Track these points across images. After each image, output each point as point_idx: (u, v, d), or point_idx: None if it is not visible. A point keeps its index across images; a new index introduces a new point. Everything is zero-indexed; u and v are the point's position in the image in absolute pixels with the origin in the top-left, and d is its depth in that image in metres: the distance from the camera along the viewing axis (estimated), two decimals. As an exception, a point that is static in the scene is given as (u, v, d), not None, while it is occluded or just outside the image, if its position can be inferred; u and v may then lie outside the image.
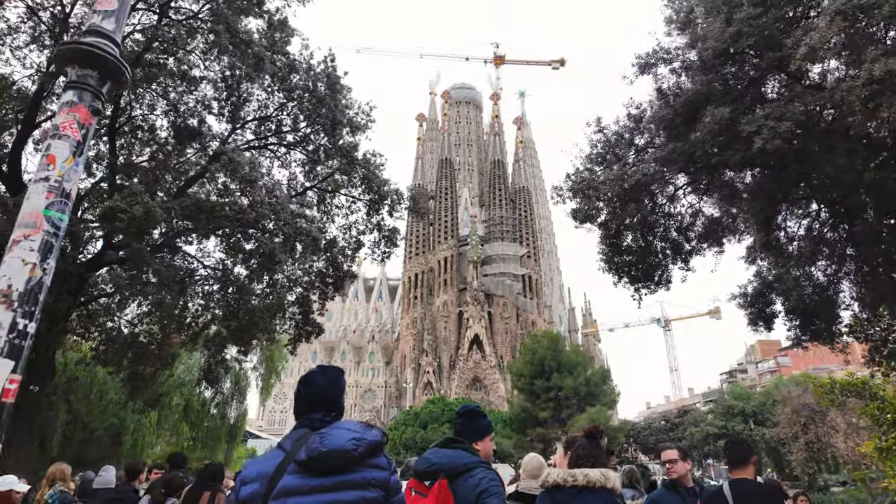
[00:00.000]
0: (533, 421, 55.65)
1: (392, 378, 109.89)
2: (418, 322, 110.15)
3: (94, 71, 2.75)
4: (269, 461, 1.96)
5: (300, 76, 13.38)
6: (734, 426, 51.63)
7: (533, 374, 56.03)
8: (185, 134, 11.00)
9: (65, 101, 2.61)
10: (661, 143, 8.16)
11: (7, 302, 2.31)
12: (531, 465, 4.07)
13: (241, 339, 13.97)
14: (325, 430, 2.02)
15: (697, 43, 7.21)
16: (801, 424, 43.35)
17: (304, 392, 2.18)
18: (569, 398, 53.89)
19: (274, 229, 10.66)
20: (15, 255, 2.34)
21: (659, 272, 9.50)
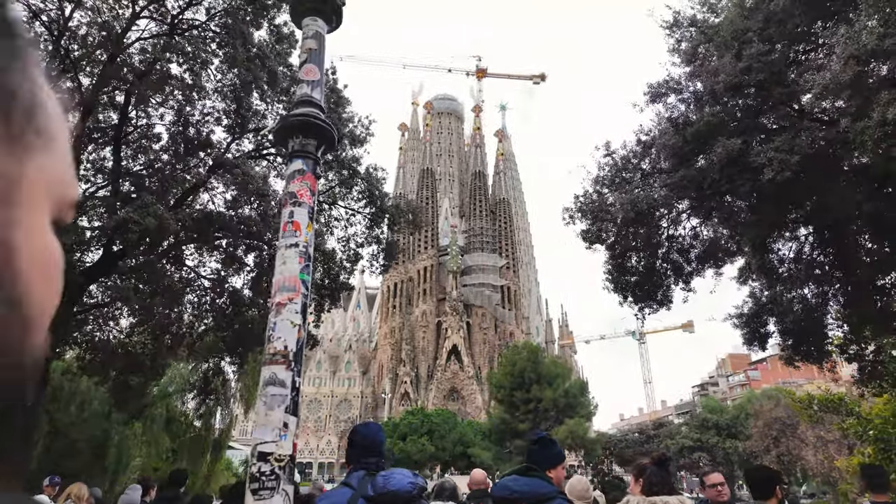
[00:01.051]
0: (512, 432, 55.70)
1: (369, 388, 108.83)
2: (396, 331, 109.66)
3: (314, 140, 2.89)
4: (341, 496, 2.40)
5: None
6: (708, 439, 52.59)
7: (513, 386, 56.19)
8: (193, 144, 10.94)
9: (295, 169, 2.70)
10: (669, 169, 8.49)
11: (286, 362, 2.45)
12: (579, 486, 4.22)
13: (237, 350, 13.82)
14: (386, 473, 2.47)
15: (706, 75, 7.57)
16: (773, 438, 44.50)
17: (360, 442, 2.65)
18: (548, 410, 54.18)
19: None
20: (284, 318, 2.44)
21: (661, 292, 9.82)
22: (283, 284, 2.49)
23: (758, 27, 7.51)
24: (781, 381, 77.00)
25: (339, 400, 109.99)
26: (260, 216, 9.76)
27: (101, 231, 9.94)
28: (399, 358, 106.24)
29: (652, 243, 9.58)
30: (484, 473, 5.80)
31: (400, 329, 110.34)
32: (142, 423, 17.97)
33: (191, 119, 10.75)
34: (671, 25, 11.06)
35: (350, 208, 15.23)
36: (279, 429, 2.39)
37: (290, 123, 2.76)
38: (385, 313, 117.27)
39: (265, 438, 2.34)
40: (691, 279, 9.88)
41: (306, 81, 3.08)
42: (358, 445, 2.65)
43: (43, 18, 12.73)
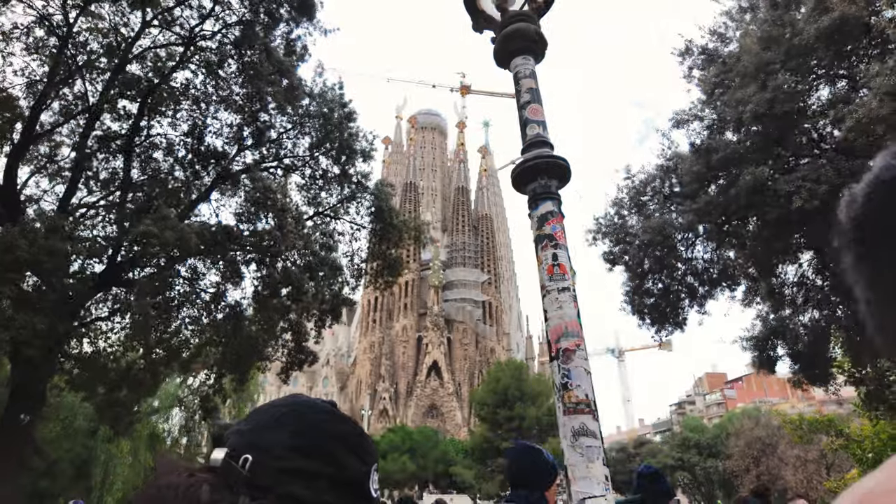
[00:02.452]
0: (494, 451, 55.21)
1: (346, 404, 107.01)
2: (376, 346, 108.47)
3: (556, 180, 2.87)
4: None
5: (314, 101, 13.35)
6: (689, 458, 52.98)
7: (496, 403, 55.84)
8: (205, 155, 10.74)
9: (546, 210, 2.65)
10: (690, 194, 8.66)
11: (591, 412, 2.39)
12: None
13: (239, 367, 13.47)
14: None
15: (731, 104, 7.79)
16: (753, 457, 45.08)
17: (506, 470, 2.50)
18: (531, 428, 53.88)
19: (296, 258, 10.49)
20: (577, 365, 2.37)
21: (676, 314, 9.94)
22: (566, 330, 2.42)
23: (779, 59, 7.77)
24: (758, 401, 78.36)
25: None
26: (279, 230, 9.59)
27: (116, 242, 9.65)
28: (378, 373, 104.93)
29: (667, 266, 9.71)
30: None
31: (380, 344, 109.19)
32: (129, 441, 17.32)
33: (205, 131, 10.58)
34: (683, 53, 11.38)
35: (355, 223, 15.12)
36: (602, 482, 2.32)
37: (534, 166, 2.73)
38: (365, 328, 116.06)
39: (593, 493, 2.26)
40: (705, 301, 10.04)
41: (536, 122, 3.08)
42: (506, 474, 2.46)
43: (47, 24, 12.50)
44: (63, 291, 9.41)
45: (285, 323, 14.61)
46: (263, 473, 0.62)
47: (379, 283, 15.21)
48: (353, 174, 13.88)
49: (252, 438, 0.65)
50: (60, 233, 8.19)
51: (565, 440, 2.46)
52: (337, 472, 0.65)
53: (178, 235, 8.05)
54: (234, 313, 13.41)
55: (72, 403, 17.25)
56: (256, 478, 0.62)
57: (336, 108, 13.56)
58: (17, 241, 7.83)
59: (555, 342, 2.41)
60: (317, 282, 10.85)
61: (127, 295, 11.72)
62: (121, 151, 10.82)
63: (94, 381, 14.06)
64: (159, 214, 8.45)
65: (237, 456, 0.63)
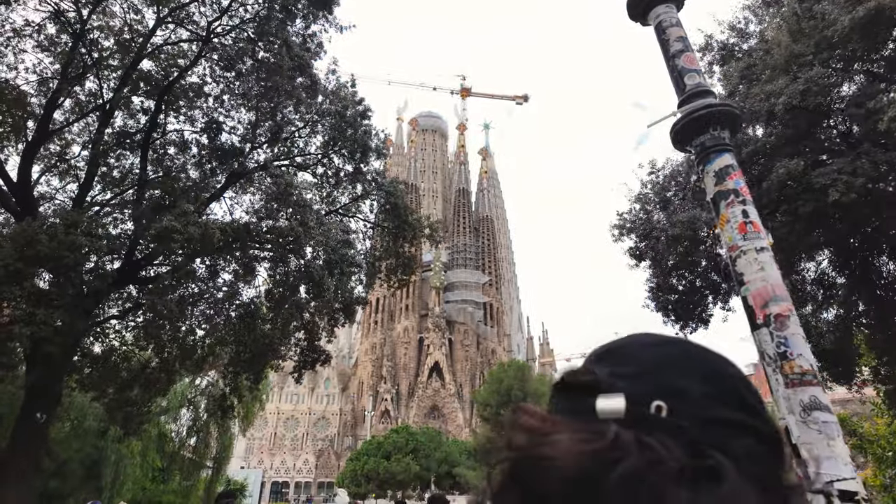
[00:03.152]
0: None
1: (348, 405, 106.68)
2: (378, 348, 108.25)
3: (728, 130, 2.72)
4: None
5: (327, 99, 13.25)
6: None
7: (499, 404, 55.71)
8: (222, 152, 10.63)
9: (725, 164, 2.52)
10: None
11: (818, 383, 2.24)
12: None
13: (253, 366, 13.35)
14: None
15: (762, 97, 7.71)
16: (757, 457, 45.15)
17: None
18: (534, 429, 53.70)
19: (314, 254, 10.37)
20: (793, 332, 2.24)
21: (699, 311, 9.85)
22: (773, 294, 2.31)
23: (810, 51, 7.70)
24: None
25: (316, 417, 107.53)
26: (301, 225, 9.45)
27: (133, 238, 9.53)
28: (380, 374, 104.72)
29: (691, 262, 9.61)
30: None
31: (381, 345, 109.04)
32: (140, 441, 17.17)
33: (220, 128, 10.46)
34: (703, 48, 11.31)
35: (370, 221, 15.00)
36: (849, 462, 2.18)
37: (703, 117, 2.59)
38: (366, 329, 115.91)
39: (842, 474, 2.08)
40: (729, 298, 9.93)
41: (693, 70, 2.91)
42: None
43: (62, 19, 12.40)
44: (80, 288, 9.29)
45: (298, 322, 14.50)
46: (686, 424, 0.49)
47: (392, 282, 15.10)
48: (368, 172, 13.78)
49: (657, 382, 0.53)
50: (80, 228, 8.07)
51: (792, 416, 2.27)
52: (762, 425, 0.52)
53: (201, 231, 7.94)
54: (249, 312, 13.30)
55: (82, 403, 17.12)
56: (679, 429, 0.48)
57: (350, 106, 13.47)
58: (39, 236, 7.72)
59: (760, 307, 2.29)
60: (336, 279, 10.73)
61: (140, 293, 11.61)
62: (137, 148, 10.70)
63: (106, 380, 13.93)
64: (180, 210, 8.33)
65: (645, 402, 0.51)
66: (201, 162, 10.97)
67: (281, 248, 10.27)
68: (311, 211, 9.78)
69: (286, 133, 11.36)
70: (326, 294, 10.37)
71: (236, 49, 9.90)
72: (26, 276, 7.94)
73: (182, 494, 20.54)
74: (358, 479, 56.76)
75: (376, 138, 14.72)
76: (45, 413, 9.98)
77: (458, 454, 60.17)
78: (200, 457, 20.66)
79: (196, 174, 10.83)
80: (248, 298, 13.39)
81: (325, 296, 10.44)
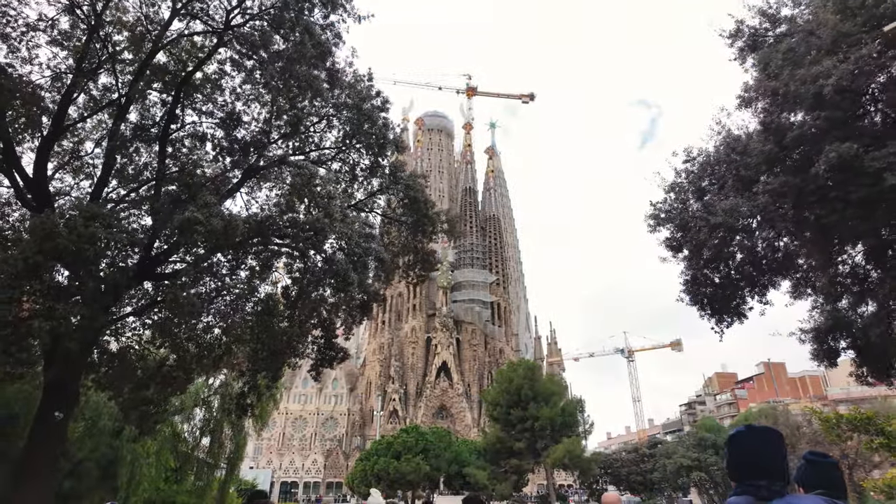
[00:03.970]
0: (507, 452, 54.71)
1: (356, 405, 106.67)
2: (385, 347, 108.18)
3: None
4: None
5: (345, 92, 12.99)
6: (706, 458, 52.28)
7: (509, 404, 55.28)
8: (240, 145, 10.38)
9: None
10: (757, 177, 8.22)
11: None
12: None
13: (272, 365, 13.09)
14: (781, 500, 1.91)
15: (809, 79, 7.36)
16: (771, 457, 44.37)
17: (736, 456, 2.09)
18: (544, 428, 53.27)
19: (336, 248, 10.10)
20: None
21: (735, 304, 9.50)
22: None
23: (859, 30, 7.36)
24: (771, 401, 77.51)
25: (325, 417, 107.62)
26: (326, 217, 9.16)
27: (153, 232, 9.28)
28: (388, 375, 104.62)
29: (728, 254, 9.27)
30: (617, 496, 5.28)
31: (389, 345, 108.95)
32: (155, 441, 16.97)
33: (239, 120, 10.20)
34: (733, 35, 10.96)
35: (387, 216, 14.72)
36: None
37: None
38: (374, 329, 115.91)
39: None
40: (766, 291, 9.58)
41: None
42: (735, 461, 2.06)
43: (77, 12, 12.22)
44: (100, 282, 9.06)
45: (315, 319, 14.25)
46: None
47: (411, 277, 14.83)
48: (386, 165, 13.51)
49: None
50: (100, 220, 7.84)
51: None
52: None
53: (224, 223, 7.68)
54: (266, 308, 13.07)
55: (97, 403, 16.95)
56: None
57: (367, 99, 13.19)
58: (58, 229, 7.49)
59: None
60: (360, 273, 10.45)
61: (157, 289, 11.37)
62: (154, 141, 10.47)
63: (121, 379, 13.73)
64: (202, 201, 8.08)
65: None
66: (219, 156, 10.72)
67: (301, 242, 10.00)
68: (335, 203, 9.50)
69: (305, 126, 11.07)
70: (351, 289, 10.08)
71: (256, 36, 9.63)
72: (46, 269, 7.71)
73: (196, 494, 20.37)
74: (368, 479, 56.47)
75: (393, 132, 14.46)
76: (63, 412, 9.77)
77: (468, 454, 59.79)
78: (214, 457, 20.45)
79: (212, 169, 10.59)
80: (265, 295, 13.17)
81: (350, 290, 10.16)
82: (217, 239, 7.79)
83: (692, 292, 9.41)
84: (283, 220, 9.51)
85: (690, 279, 9.32)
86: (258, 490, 6.37)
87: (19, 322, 7.45)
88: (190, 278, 10.50)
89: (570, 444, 51.25)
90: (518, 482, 57.22)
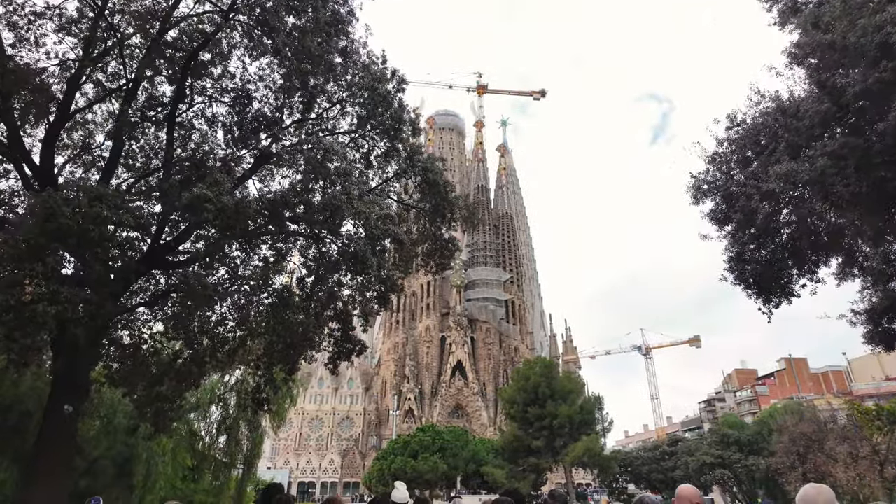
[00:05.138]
0: (525, 450, 54.00)
1: (371, 405, 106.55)
2: (400, 347, 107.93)
3: None
4: None
5: (359, 74, 12.45)
6: (730, 455, 51.06)
7: (526, 402, 54.57)
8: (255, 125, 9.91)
9: None
10: (801, 145, 7.53)
11: None
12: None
13: (288, 357, 12.61)
14: None
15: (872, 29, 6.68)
16: (798, 454, 43.10)
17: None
18: (563, 426, 52.49)
19: (354, 229, 9.57)
20: None
21: (784, 282, 8.80)
22: None
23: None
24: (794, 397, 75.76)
25: (341, 418, 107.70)
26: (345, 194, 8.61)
27: (163, 216, 8.82)
28: (403, 374, 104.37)
29: (774, 228, 8.56)
30: (695, 490, 4.57)
31: (403, 345, 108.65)
32: (170, 439, 16.60)
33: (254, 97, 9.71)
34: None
35: (404, 203, 14.18)
36: None
37: None
38: (388, 328, 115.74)
39: None
40: (817, 269, 8.86)
41: None
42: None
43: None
44: (106, 269, 8.61)
45: (332, 311, 13.77)
46: None
47: (431, 266, 14.25)
48: (402, 149, 12.94)
49: None
50: (106, 201, 7.40)
51: None
52: None
53: (234, 201, 7.18)
54: (282, 299, 12.61)
55: (111, 400, 16.62)
56: None
57: (383, 80, 12.61)
58: (61, 209, 7.05)
59: None
60: (378, 257, 9.91)
61: (169, 279, 10.95)
62: (163, 123, 10.02)
63: (135, 375, 13.38)
64: (212, 179, 7.59)
65: None
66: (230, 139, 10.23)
67: (316, 226, 9.48)
68: (353, 180, 8.97)
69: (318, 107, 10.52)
70: (369, 272, 9.53)
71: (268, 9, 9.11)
72: (48, 251, 7.28)
73: (213, 493, 20.04)
74: (385, 479, 56.14)
75: (409, 114, 13.89)
76: (73, 405, 9.35)
77: (486, 453, 59.22)
78: (231, 455, 20.08)
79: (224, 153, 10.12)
80: (281, 286, 12.71)
81: (368, 274, 9.61)
82: (228, 218, 7.29)
83: (737, 270, 8.73)
84: (297, 201, 9.00)
85: (735, 256, 8.64)
86: (274, 483, 5.89)
87: (22, 307, 7.03)
88: (202, 266, 10.04)
89: (590, 442, 50.43)
90: (536, 481, 56.45)
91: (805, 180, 6.76)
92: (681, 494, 4.33)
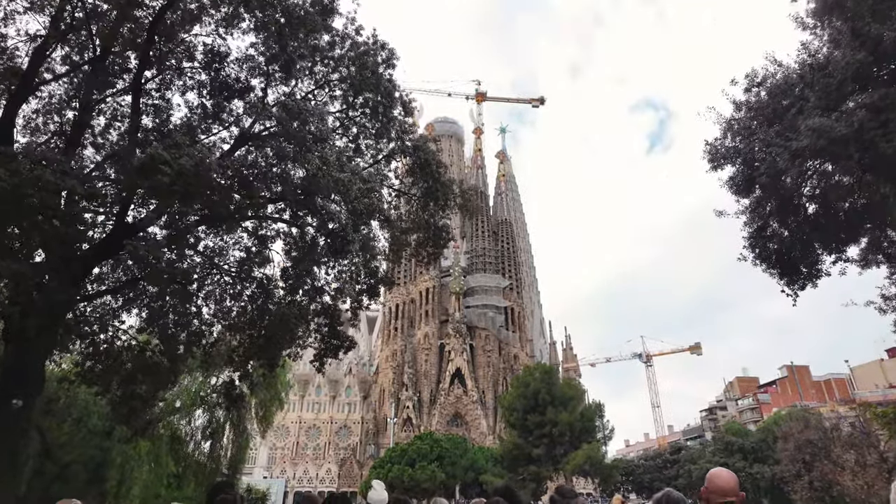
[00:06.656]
0: (525, 458, 52.97)
1: (370, 413, 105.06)
2: (398, 354, 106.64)
3: None
4: None
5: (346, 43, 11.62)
6: (734, 463, 49.91)
7: (526, 409, 53.63)
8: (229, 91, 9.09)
9: None
10: (833, 101, 6.73)
11: None
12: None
13: (267, 352, 11.71)
14: None
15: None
16: (804, 462, 41.97)
17: None
18: (563, 434, 51.50)
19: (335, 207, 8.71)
20: None
21: (809, 261, 7.95)
22: None
23: None
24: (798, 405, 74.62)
25: (338, 426, 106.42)
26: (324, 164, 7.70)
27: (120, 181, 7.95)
28: (401, 382, 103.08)
29: (796, 203, 7.72)
30: (733, 477, 3.59)
31: (402, 352, 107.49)
32: (149, 442, 15.62)
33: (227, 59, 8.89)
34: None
35: (394, 188, 13.34)
36: None
37: None
38: (386, 336, 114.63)
39: None
40: (845, 249, 8.00)
41: None
42: None
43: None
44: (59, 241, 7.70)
45: (318, 304, 12.88)
46: None
47: (422, 256, 13.40)
48: (392, 128, 12.11)
49: None
50: (52, 165, 6.54)
51: None
52: None
53: (194, 162, 6.32)
54: (263, 290, 11.74)
55: (85, 401, 15.69)
56: None
57: (371, 53, 11.75)
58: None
59: None
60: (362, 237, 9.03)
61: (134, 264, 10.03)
62: (129, 91, 9.19)
63: (109, 372, 12.50)
64: (171, 141, 6.74)
65: None
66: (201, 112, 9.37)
67: (295, 205, 8.61)
68: (331, 146, 8.10)
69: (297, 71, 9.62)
70: (352, 254, 8.65)
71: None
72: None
73: (197, 500, 19.06)
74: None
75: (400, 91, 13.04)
76: (24, 399, 8.43)
77: (485, 461, 58.05)
78: (216, 461, 19.06)
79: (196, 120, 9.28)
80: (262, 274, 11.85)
81: (351, 254, 8.72)
82: (188, 185, 6.42)
83: (758, 247, 7.87)
84: (273, 173, 8.13)
85: (756, 231, 7.79)
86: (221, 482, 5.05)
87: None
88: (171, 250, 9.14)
89: (591, 450, 49.41)
90: (537, 489, 55.27)
91: (840, 136, 5.93)
92: (715, 482, 3.36)
